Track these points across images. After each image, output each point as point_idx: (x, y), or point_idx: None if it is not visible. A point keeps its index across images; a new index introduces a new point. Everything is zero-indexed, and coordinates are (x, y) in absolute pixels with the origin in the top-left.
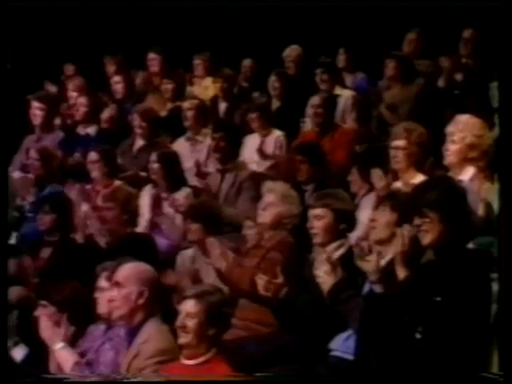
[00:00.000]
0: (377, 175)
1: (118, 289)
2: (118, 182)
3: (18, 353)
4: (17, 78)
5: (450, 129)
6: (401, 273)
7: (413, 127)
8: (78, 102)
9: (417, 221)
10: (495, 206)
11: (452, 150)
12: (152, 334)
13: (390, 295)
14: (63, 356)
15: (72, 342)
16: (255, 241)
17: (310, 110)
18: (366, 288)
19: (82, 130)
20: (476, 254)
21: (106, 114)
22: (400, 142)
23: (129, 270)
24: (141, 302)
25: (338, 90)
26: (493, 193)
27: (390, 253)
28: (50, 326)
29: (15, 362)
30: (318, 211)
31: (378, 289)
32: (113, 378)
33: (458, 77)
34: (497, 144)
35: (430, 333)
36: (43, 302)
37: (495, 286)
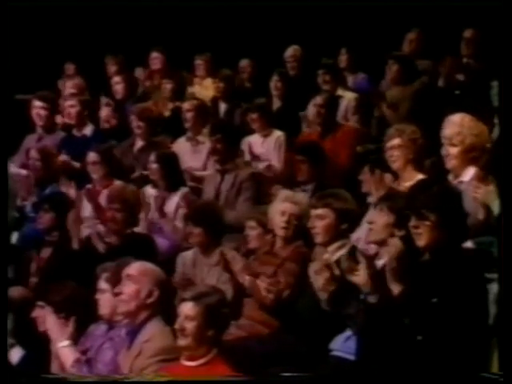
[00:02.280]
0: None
1: (128, 282)
2: (118, 182)
3: (15, 355)
4: (17, 78)
5: (446, 132)
6: (395, 288)
7: (404, 127)
8: (67, 104)
9: (413, 222)
10: (496, 205)
11: (453, 154)
12: (155, 334)
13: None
14: (66, 354)
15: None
16: (259, 243)
17: (312, 110)
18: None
19: (77, 132)
20: (472, 255)
21: (104, 113)
22: (395, 141)
23: (143, 266)
24: (149, 301)
25: (339, 91)
26: (493, 193)
27: (386, 255)
28: (57, 323)
29: (11, 363)
30: (319, 211)
31: (372, 299)
32: (113, 378)
33: (459, 77)
34: (497, 144)
35: (430, 334)
36: (40, 303)
37: (495, 287)
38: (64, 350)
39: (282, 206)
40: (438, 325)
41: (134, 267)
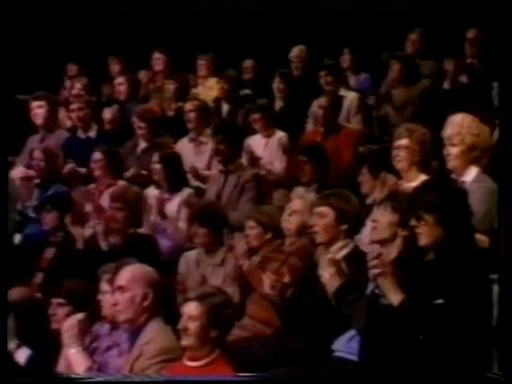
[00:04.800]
0: (384, 180)
1: (121, 293)
2: (121, 182)
3: (22, 355)
4: (19, 79)
5: (446, 132)
6: (394, 299)
7: (415, 127)
8: (74, 106)
9: (413, 222)
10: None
11: (454, 154)
12: (155, 335)
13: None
14: (77, 359)
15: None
16: (259, 243)
17: (316, 111)
18: (370, 289)
19: (82, 134)
20: (476, 255)
21: (108, 114)
22: (402, 141)
23: (131, 272)
24: (145, 304)
25: (342, 92)
26: (495, 193)
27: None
28: (75, 327)
29: (18, 364)
30: (320, 209)
31: (384, 301)
32: (118, 377)
33: (463, 78)
34: (497, 144)
35: (433, 334)
36: (60, 301)
37: (495, 288)
38: (76, 355)
39: (293, 204)
40: (442, 325)
41: (123, 277)
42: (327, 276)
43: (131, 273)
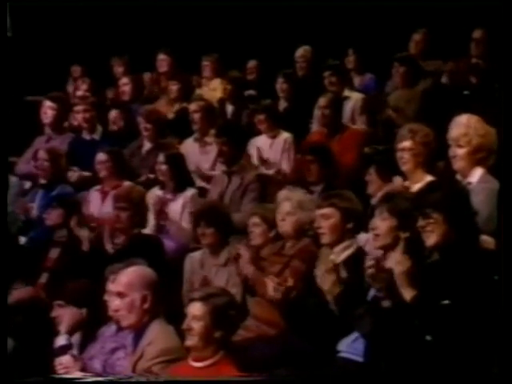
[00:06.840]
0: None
1: (121, 299)
2: (127, 183)
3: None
4: (21, 80)
5: (452, 133)
6: (407, 294)
7: (417, 128)
8: (79, 108)
9: (421, 222)
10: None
11: (460, 155)
12: (156, 336)
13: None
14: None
15: (82, 345)
16: (262, 240)
17: (317, 111)
18: (373, 290)
19: (86, 135)
20: (481, 256)
21: (113, 115)
22: (406, 144)
23: (128, 277)
24: (146, 306)
25: (346, 92)
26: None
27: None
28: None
29: (15, 362)
30: (325, 210)
31: (386, 304)
32: (116, 378)
33: (467, 78)
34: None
35: (439, 334)
36: (60, 302)
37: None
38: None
39: (279, 206)
40: (448, 326)
41: (120, 282)
42: (327, 284)
43: (127, 277)
